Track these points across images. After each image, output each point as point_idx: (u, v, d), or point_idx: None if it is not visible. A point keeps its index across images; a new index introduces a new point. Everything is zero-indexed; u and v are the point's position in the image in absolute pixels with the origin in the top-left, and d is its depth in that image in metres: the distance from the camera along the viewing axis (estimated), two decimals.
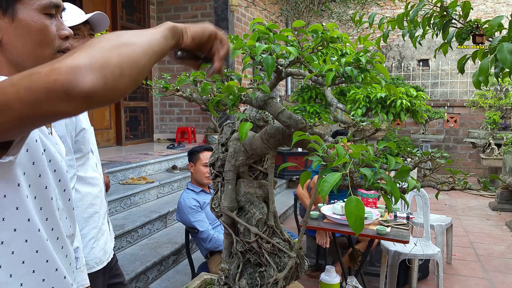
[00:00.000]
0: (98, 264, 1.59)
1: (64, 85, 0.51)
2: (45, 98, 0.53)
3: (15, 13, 0.78)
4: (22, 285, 0.77)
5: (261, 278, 1.19)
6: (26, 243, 0.77)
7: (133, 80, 0.57)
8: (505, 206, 5.77)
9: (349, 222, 0.68)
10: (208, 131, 7.12)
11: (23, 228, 0.76)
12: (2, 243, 0.74)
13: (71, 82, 0.51)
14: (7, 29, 0.78)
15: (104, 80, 0.53)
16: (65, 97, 0.52)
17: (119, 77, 0.55)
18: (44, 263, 0.80)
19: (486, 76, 0.95)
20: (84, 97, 0.52)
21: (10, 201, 0.74)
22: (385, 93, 4.50)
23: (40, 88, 0.53)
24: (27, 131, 0.63)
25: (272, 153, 1.17)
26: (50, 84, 0.52)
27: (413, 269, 3.00)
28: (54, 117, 0.56)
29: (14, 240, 0.75)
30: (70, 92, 0.52)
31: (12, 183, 0.73)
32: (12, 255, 0.75)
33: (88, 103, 0.53)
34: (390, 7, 9.68)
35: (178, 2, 7.38)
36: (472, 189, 1.15)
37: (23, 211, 0.76)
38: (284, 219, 5.29)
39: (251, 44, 0.96)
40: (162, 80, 1.33)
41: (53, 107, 0.53)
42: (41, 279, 0.80)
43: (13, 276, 0.76)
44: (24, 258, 0.77)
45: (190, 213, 2.64)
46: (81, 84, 0.51)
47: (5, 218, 0.73)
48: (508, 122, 7.58)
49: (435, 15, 1.23)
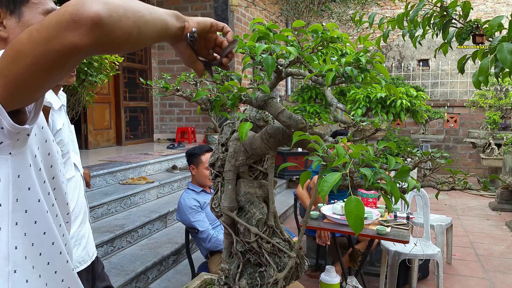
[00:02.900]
0: (82, 264, 1.58)
1: (72, 13, 0.56)
2: (54, 32, 0.56)
3: (22, 15, 0.86)
4: (34, 268, 0.78)
5: (261, 278, 1.19)
6: (35, 224, 0.78)
7: (137, 29, 0.61)
8: (505, 206, 5.77)
9: (349, 222, 0.69)
10: (208, 131, 7.12)
11: (33, 209, 0.77)
12: (17, 224, 0.75)
13: (79, 9, 0.56)
14: (14, 28, 0.86)
15: (109, 12, 0.57)
16: (73, 25, 0.56)
17: (123, 16, 0.59)
18: (50, 245, 0.81)
19: (486, 76, 0.95)
20: (90, 23, 0.56)
21: (23, 181, 0.75)
22: (385, 93, 4.50)
23: (50, 23, 0.57)
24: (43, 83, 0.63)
25: (272, 153, 1.17)
26: (60, 16, 0.56)
27: (413, 269, 3.00)
28: (64, 55, 0.58)
29: (26, 221, 0.76)
30: (77, 20, 0.55)
31: (25, 162, 0.75)
32: (25, 237, 0.76)
33: (95, 32, 0.56)
34: (390, 7, 9.68)
35: (178, 2, 7.38)
36: (472, 189, 1.15)
37: (34, 192, 0.77)
38: (284, 219, 5.29)
39: (251, 44, 0.96)
40: (162, 80, 1.34)
41: (62, 40, 0.56)
42: (46, 262, 0.81)
43: (27, 258, 0.77)
44: (33, 240, 0.78)
45: (190, 213, 2.64)
46: (88, 10, 0.56)
47: (18, 199, 0.74)
48: (508, 122, 7.58)
49: (435, 15, 1.23)
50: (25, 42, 0.58)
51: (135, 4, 0.62)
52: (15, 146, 0.71)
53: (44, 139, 0.83)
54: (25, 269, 0.76)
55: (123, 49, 0.63)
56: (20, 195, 0.75)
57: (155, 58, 7.58)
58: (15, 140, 0.70)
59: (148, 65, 7.45)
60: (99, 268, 1.74)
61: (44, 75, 0.60)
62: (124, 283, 2.84)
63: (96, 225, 3.44)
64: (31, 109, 0.70)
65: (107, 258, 3.18)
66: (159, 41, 0.70)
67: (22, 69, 0.59)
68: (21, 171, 0.74)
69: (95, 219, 3.56)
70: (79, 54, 0.58)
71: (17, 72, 0.59)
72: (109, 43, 0.59)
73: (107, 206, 3.74)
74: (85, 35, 0.56)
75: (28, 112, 0.70)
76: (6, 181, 0.72)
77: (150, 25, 0.64)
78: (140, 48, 0.67)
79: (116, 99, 6.71)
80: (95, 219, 3.57)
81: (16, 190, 0.74)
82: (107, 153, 5.67)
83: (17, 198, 0.74)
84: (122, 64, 5.83)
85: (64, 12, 0.56)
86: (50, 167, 0.85)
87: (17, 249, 0.74)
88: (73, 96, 3.43)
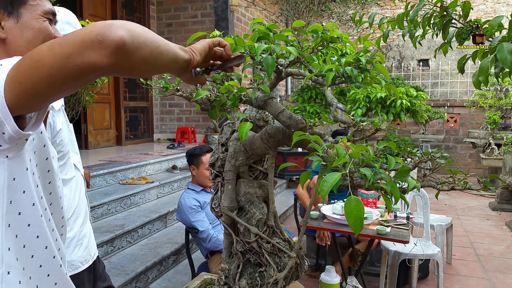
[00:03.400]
0: (83, 264, 1.58)
1: (99, 33, 0.60)
2: (78, 48, 0.60)
3: (20, 16, 0.87)
4: (24, 270, 0.78)
5: (261, 278, 1.19)
6: (28, 227, 0.79)
7: (152, 58, 0.66)
8: (505, 206, 5.77)
9: (348, 222, 0.69)
10: (208, 131, 7.12)
11: (27, 212, 0.78)
12: (9, 226, 0.76)
13: (105, 31, 0.60)
14: (12, 29, 0.87)
15: (131, 39, 0.62)
16: (98, 45, 0.60)
17: (142, 44, 0.64)
18: (43, 249, 0.82)
19: (486, 76, 0.95)
20: (114, 46, 0.60)
21: (19, 184, 0.76)
22: (385, 93, 4.50)
23: (75, 39, 0.61)
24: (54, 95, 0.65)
25: (272, 153, 1.17)
26: (85, 35, 0.60)
27: (413, 269, 3.00)
28: (83, 72, 0.61)
29: (18, 223, 0.77)
30: (102, 41, 0.60)
31: (21, 166, 0.76)
32: (16, 239, 0.77)
33: (116, 54, 0.60)
34: (390, 7, 9.68)
35: (178, 2, 7.38)
36: (472, 189, 1.15)
37: (29, 196, 0.78)
38: (284, 219, 5.29)
39: (251, 44, 0.96)
40: (162, 80, 1.34)
41: (84, 57, 0.60)
42: (38, 265, 0.81)
43: (19, 260, 0.77)
44: (25, 242, 0.78)
45: (190, 213, 2.64)
46: (114, 34, 0.60)
47: (12, 201, 0.76)
48: (508, 122, 7.58)
49: (435, 15, 1.23)
50: (46, 54, 0.61)
51: (153, 36, 0.67)
52: (12, 150, 0.72)
53: (42, 144, 0.83)
54: (17, 270, 0.77)
55: (137, 74, 0.68)
56: (15, 197, 0.75)
57: None
58: (13, 144, 0.71)
59: None
60: (100, 268, 1.74)
61: (59, 87, 0.63)
62: (124, 283, 2.84)
63: (96, 225, 3.44)
64: (32, 115, 0.72)
65: (107, 258, 3.18)
66: (167, 71, 0.76)
67: (39, 79, 0.61)
68: (16, 174, 0.75)
69: (95, 219, 3.56)
70: (96, 73, 0.62)
71: (34, 81, 0.61)
72: (126, 67, 0.63)
73: (107, 206, 3.74)
74: (107, 56, 0.60)
75: (28, 118, 0.71)
76: (2, 184, 0.73)
77: (164, 55, 0.69)
78: (150, 75, 0.73)
79: (116, 99, 6.71)
80: (95, 219, 3.57)
81: (11, 193, 0.75)
82: (107, 153, 5.67)
83: (11, 201, 0.75)
84: None
85: (90, 32, 0.60)
86: (47, 171, 0.86)
87: (10, 250, 0.75)
88: (73, 96, 3.42)
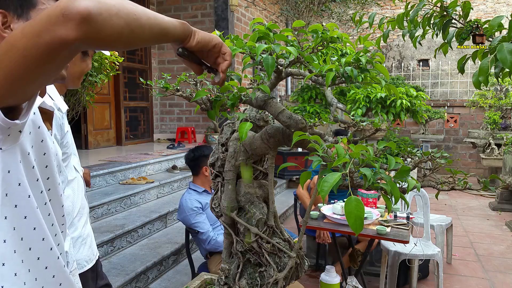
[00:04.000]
0: (88, 263, 1.62)
1: (62, 7, 0.58)
2: (45, 25, 0.59)
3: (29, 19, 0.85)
4: (23, 262, 0.79)
5: (261, 278, 1.19)
6: (25, 219, 0.79)
7: (128, 30, 0.63)
8: (505, 206, 5.77)
9: (349, 222, 0.69)
10: (208, 131, 7.12)
11: (23, 204, 0.78)
12: (6, 218, 0.76)
13: (69, 5, 0.58)
14: None
15: (99, 10, 0.59)
16: (63, 19, 0.58)
17: (114, 16, 0.61)
18: (40, 241, 0.82)
19: (486, 76, 0.95)
20: (78, 18, 0.58)
21: (13, 177, 0.76)
22: (385, 93, 4.50)
23: (42, 17, 0.59)
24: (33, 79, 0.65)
25: (272, 153, 1.17)
26: (51, 11, 0.59)
27: (413, 269, 3.00)
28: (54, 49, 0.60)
29: (15, 216, 0.77)
30: (67, 14, 0.58)
31: (15, 158, 0.76)
32: (14, 231, 0.77)
33: (82, 27, 0.58)
34: (390, 7, 9.68)
35: (178, 2, 7.38)
36: (472, 189, 1.15)
37: (24, 188, 0.78)
38: (284, 219, 5.29)
39: (251, 44, 0.96)
40: (162, 80, 1.33)
41: (52, 33, 0.59)
42: (36, 257, 0.82)
43: (17, 252, 0.78)
44: (22, 234, 0.79)
45: (191, 215, 2.63)
46: (77, 6, 0.58)
47: (8, 194, 0.76)
48: (508, 122, 7.58)
49: (435, 15, 1.23)
50: (19, 36, 0.60)
51: (132, 7, 0.64)
52: (6, 141, 0.72)
53: (40, 139, 0.83)
54: (14, 263, 0.77)
55: (114, 46, 0.66)
56: (10, 190, 0.76)
57: (155, 58, 7.58)
58: (6, 135, 0.71)
59: (148, 65, 7.45)
60: (99, 267, 1.77)
61: (36, 68, 0.62)
62: (124, 283, 2.84)
63: (96, 225, 3.44)
64: (25, 105, 0.72)
65: (107, 258, 3.18)
66: (158, 43, 0.74)
67: (15, 62, 0.61)
68: (11, 166, 0.75)
69: (95, 219, 3.56)
70: (68, 48, 0.60)
71: (10, 65, 0.61)
72: (98, 40, 0.61)
73: (107, 206, 3.74)
74: (73, 30, 0.58)
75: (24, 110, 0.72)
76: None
77: (146, 28, 0.66)
78: (134, 47, 0.70)
79: (116, 99, 6.71)
80: (95, 219, 3.57)
81: (6, 185, 0.75)
82: (107, 153, 5.67)
83: (7, 193, 0.75)
84: (122, 64, 5.83)
85: (55, 7, 0.59)
86: (45, 167, 0.86)
87: (5, 242, 0.75)
88: (73, 96, 3.43)
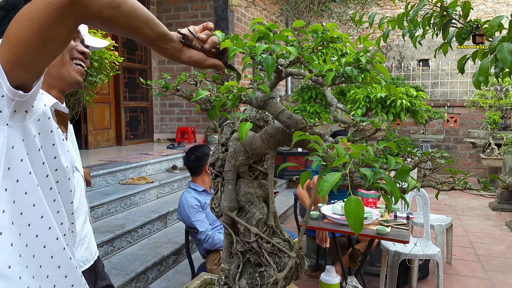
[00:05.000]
0: (85, 263, 1.60)
1: None
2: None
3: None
4: (20, 235, 0.80)
5: (261, 278, 1.19)
6: (25, 195, 0.81)
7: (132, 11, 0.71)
8: (505, 206, 5.77)
9: (348, 222, 0.68)
10: (208, 131, 7.12)
11: (24, 180, 0.80)
12: (6, 190, 0.78)
13: None
14: None
15: None
16: None
17: None
18: (39, 218, 0.84)
19: (486, 76, 0.95)
20: None
21: (17, 153, 0.78)
22: (385, 93, 4.50)
23: None
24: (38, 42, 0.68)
25: (272, 153, 1.17)
26: None
27: (413, 269, 3.00)
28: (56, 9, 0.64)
29: (16, 190, 0.79)
30: None
31: (18, 135, 0.78)
32: (14, 204, 0.79)
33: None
34: (390, 7, 9.68)
35: (178, 2, 7.38)
36: (472, 189, 1.15)
37: (26, 164, 0.80)
38: (284, 219, 5.29)
39: (251, 44, 0.96)
40: (162, 80, 1.33)
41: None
42: (35, 234, 0.83)
43: (14, 224, 0.79)
44: (22, 209, 0.81)
45: (191, 212, 2.64)
46: None
47: (10, 168, 0.78)
48: (508, 122, 7.58)
49: (435, 15, 1.23)
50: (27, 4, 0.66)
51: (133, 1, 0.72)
52: (13, 118, 0.75)
53: (49, 129, 0.86)
54: (11, 233, 0.78)
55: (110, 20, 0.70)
56: (13, 165, 0.78)
57: (155, 58, 7.58)
58: (12, 110, 0.73)
59: (148, 65, 7.45)
60: (100, 267, 1.76)
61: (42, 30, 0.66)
62: (124, 283, 2.84)
63: (96, 225, 3.44)
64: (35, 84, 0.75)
65: (107, 258, 3.18)
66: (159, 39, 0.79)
67: (22, 26, 0.66)
68: (15, 143, 0.77)
69: (95, 219, 3.56)
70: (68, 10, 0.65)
71: (18, 29, 0.66)
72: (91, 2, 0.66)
73: (107, 206, 3.74)
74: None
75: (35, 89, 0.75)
76: (0, 149, 0.75)
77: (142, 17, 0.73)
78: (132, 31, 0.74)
79: (116, 99, 6.71)
80: (95, 219, 3.57)
81: (8, 160, 0.77)
82: (107, 153, 5.67)
83: (9, 167, 0.78)
84: (122, 64, 5.83)
85: None
86: (53, 158, 0.87)
87: (4, 212, 0.78)
88: (73, 96, 3.42)
